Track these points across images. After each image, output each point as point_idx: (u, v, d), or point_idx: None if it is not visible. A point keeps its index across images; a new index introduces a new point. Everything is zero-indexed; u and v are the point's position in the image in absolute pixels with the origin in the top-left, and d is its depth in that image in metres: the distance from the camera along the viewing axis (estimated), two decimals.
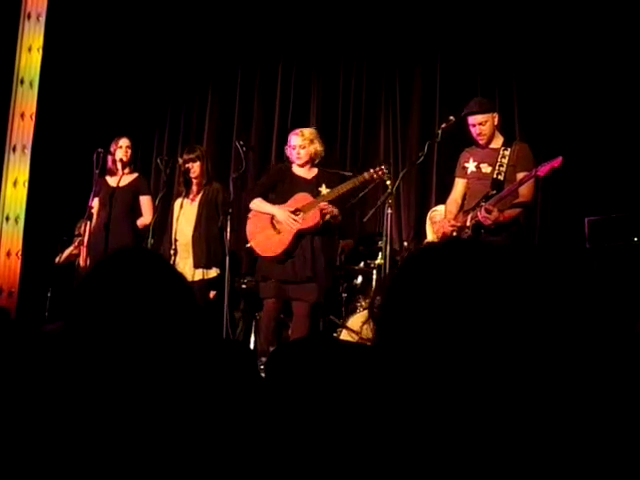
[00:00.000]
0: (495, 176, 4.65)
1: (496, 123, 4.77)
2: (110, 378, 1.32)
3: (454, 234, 4.68)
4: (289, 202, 5.03)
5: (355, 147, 6.73)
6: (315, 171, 5.16)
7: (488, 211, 4.47)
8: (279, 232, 5.00)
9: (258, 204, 5.13)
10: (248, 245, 5.12)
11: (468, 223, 4.62)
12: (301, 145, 5.09)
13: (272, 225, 5.03)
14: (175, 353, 1.36)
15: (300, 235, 4.97)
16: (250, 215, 5.16)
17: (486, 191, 4.63)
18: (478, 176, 4.75)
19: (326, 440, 1.12)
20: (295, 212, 4.99)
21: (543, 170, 4.41)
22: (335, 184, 5.01)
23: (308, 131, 5.23)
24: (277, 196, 5.12)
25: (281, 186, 5.14)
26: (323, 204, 4.92)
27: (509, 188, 4.56)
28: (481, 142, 4.75)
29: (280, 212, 5.01)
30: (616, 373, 1.14)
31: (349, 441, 1.08)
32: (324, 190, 5.00)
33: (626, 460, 1.01)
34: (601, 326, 1.20)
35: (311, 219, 4.95)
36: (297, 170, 5.14)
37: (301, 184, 5.08)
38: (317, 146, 5.14)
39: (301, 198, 5.01)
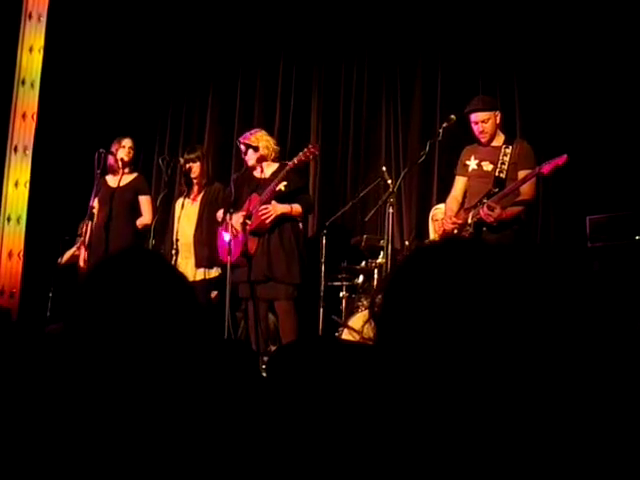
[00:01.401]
0: (497, 174, 4.64)
1: (498, 121, 4.76)
2: (111, 379, 1.32)
3: (455, 232, 4.66)
4: (244, 205, 5.16)
5: (357, 147, 6.72)
6: (274, 167, 5.24)
7: (491, 208, 4.45)
8: (237, 237, 5.11)
9: (220, 215, 5.28)
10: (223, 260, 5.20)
11: (470, 220, 4.61)
12: (244, 150, 5.26)
13: (232, 232, 5.13)
14: (177, 353, 1.36)
15: (258, 235, 5.08)
16: (219, 228, 5.27)
17: (487, 189, 4.62)
18: (479, 174, 4.74)
19: (328, 440, 1.12)
20: (248, 214, 5.10)
21: (547, 168, 4.38)
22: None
23: (251, 134, 5.33)
24: (242, 202, 5.22)
25: (245, 193, 5.23)
26: (261, 207, 5.02)
27: (512, 186, 4.55)
28: (483, 140, 4.74)
29: (234, 218, 5.12)
30: (617, 372, 1.14)
31: (351, 441, 1.08)
32: None
33: (627, 459, 1.01)
34: (602, 325, 1.20)
35: (255, 220, 5.07)
36: (256, 172, 5.25)
37: (259, 185, 5.17)
38: (263, 143, 5.22)
39: (251, 200, 5.14)
